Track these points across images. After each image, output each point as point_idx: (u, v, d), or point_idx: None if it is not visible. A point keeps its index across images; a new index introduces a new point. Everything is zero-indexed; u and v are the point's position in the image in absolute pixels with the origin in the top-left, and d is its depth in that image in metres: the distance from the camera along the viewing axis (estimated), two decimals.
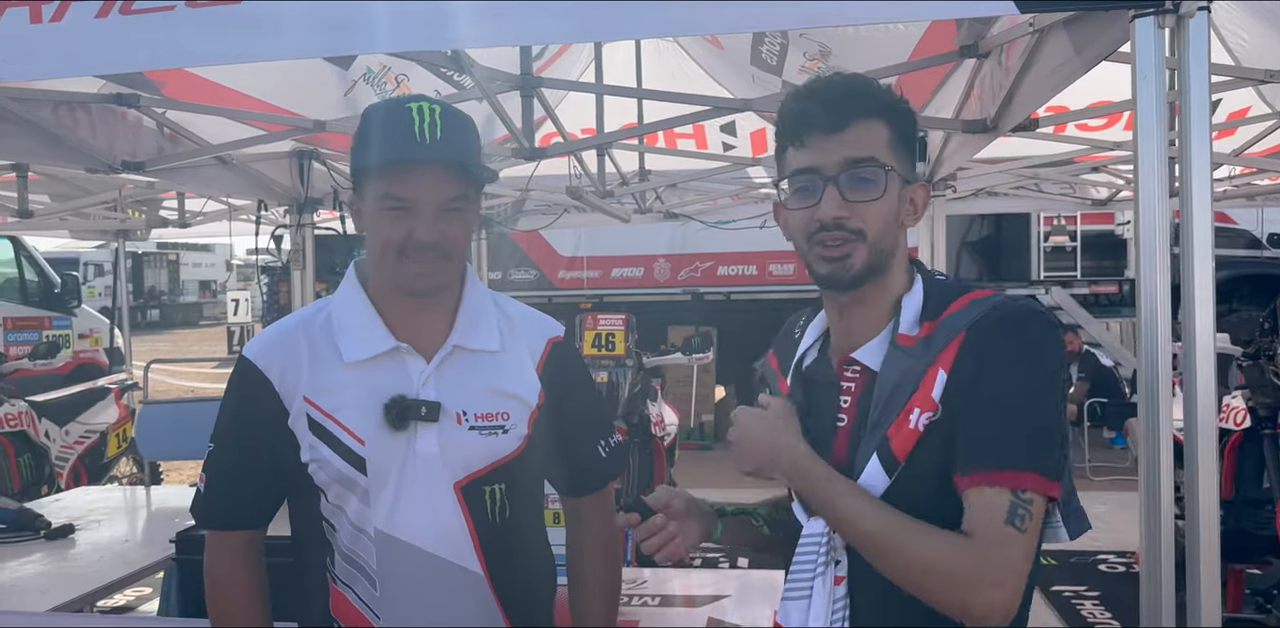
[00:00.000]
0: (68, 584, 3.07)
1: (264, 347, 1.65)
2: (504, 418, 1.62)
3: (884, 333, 1.42)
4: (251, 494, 1.66)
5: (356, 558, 1.60)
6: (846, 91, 1.40)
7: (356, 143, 1.59)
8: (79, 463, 6.22)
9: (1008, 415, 1.30)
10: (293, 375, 1.59)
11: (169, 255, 30.90)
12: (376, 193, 1.55)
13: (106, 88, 3.59)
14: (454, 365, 1.62)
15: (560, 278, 11.64)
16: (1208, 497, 1.66)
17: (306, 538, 1.65)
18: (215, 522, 1.69)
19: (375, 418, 1.56)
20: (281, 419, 1.59)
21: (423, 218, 1.53)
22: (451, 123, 1.55)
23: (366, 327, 1.61)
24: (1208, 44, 1.64)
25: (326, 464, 1.57)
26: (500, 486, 1.63)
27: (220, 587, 1.67)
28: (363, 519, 1.58)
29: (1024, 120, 3.07)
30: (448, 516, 1.59)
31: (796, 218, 1.42)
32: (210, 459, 1.68)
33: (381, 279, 1.62)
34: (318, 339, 1.62)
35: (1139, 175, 1.67)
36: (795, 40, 3.89)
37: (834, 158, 1.38)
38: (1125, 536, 5.50)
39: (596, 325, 4.73)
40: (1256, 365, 4.41)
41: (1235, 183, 5.71)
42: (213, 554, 1.68)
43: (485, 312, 1.68)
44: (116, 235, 7.32)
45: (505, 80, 3.65)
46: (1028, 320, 1.35)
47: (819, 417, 1.46)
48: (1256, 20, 3.77)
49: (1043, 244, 10.86)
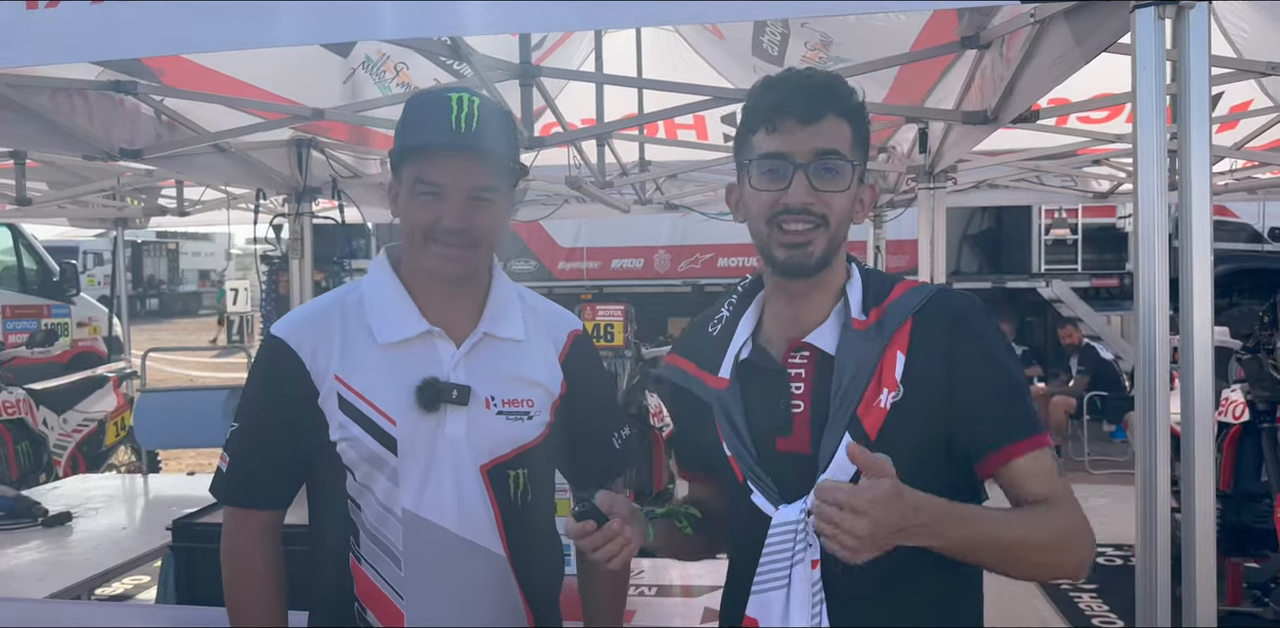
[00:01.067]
0: (65, 572, 3.08)
1: (296, 325, 1.67)
2: (529, 405, 1.66)
3: (833, 318, 1.50)
4: (275, 473, 1.68)
5: (383, 538, 1.62)
6: (825, 87, 1.47)
7: (397, 128, 1.64)
8: (77, 451, 6.24)
9: (1009, 391, 1.45)
10: (325, 355, 1.62)
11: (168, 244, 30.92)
12: (409, 177, 1.59)
13: (104, 75, 3.57)
14: (482, 352, 1.66)
15: (560, 269, 11.65)
16: (1204, 490, 1.66)
17: (329, 519, 1.67)
18: (237, 500, 1.71)
19: (408, 399, 1.60)
20: (311, 398, 1.62)
21: (451, 204, 1.57)
22: (489, 115, 1.60)
23: (400, 310, 1.65)
24: (1208, 36, 1.63)
25: (356, 443, 1.60)
26: (523, 471, 1.67)
27: (238, 566, 1.69)
28: (390, 499, 1.61)
29: (1025, 112, 3.06)
30: (474, 497, 1.62)
31: (761, 199, 1.47)
32: (234, 437, 1.70)
33: (413, 263, 1.66)
34: (350, 320, 1.65)
35: (1138, 168, 1.66)
36: (797, 30, 3.88)
37: (806, 146, 1.45)
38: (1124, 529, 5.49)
39: (595, 316, 4.74)
40: (1255, 359, 4.41)
41: (1236, 176, 5.70)
42: (232, 533, 1.70)
43: (512, 302, 1.73)
44: (115, 224, 7.31)
45: (504, 69, 3.64)
46: (972, 305, 1.50)
47: (768, 404, 1.50)
48: (1258, 12, 3.75)
49: (1044, 237, 10.86)
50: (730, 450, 1.50)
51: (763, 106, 1.47)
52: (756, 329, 1.57)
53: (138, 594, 4.96)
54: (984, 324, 1.48)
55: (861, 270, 1.55)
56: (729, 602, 1.60)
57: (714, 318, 1.63)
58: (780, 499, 1.45)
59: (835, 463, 1.41)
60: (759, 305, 1.59)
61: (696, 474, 1.67)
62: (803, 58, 4.03)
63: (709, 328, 1.61)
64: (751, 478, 1.47)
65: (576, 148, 4.83)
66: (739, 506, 1.51)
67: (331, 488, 1.65)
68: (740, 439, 1.49)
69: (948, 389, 1.44)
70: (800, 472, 1.44)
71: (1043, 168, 5.84)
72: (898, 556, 1.34)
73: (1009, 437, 1.43)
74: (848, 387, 1.44)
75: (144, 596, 4.91)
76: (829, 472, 1.41)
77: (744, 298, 1.62)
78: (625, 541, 1.43)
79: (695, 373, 1.58)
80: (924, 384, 1.44)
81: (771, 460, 1.47)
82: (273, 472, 1.69)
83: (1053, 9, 2.30)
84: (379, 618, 1.63)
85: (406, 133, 1.62)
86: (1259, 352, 4.40)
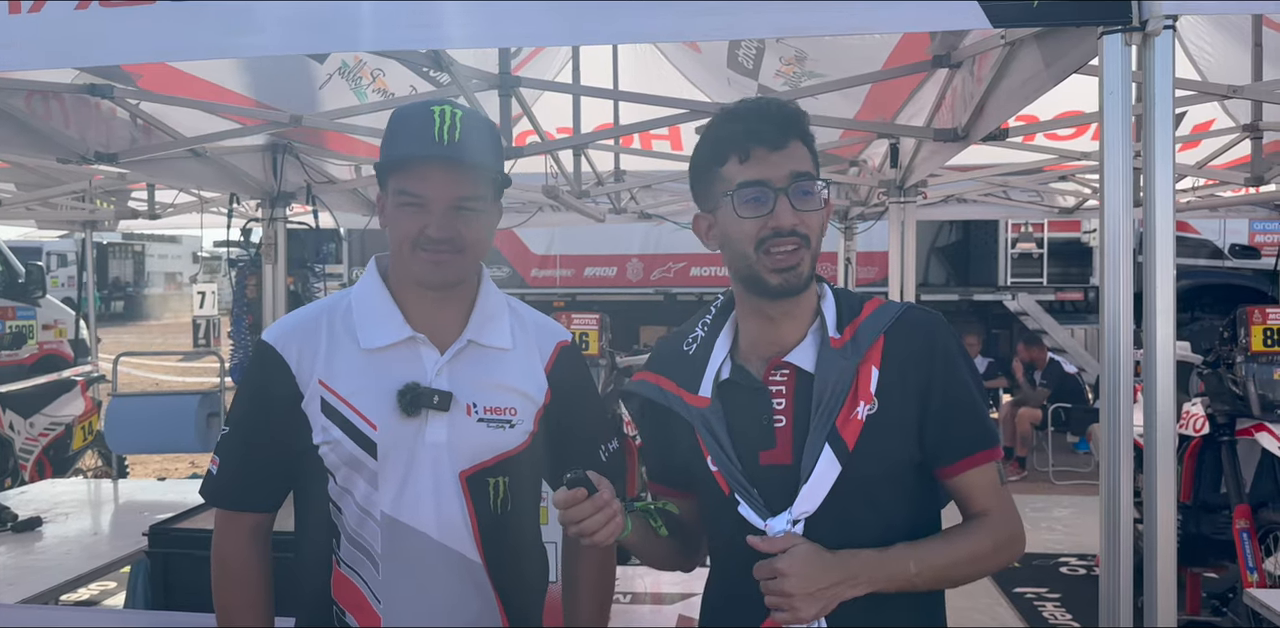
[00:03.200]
0: (36, 577, 3.06)
1: (283, 331, 1.71)
2: (511, 413, 1.68)
3: (810, 336, 1.57)
4: (264, 476, 1.71)
5: (362, 541, 1.64)
6: (786, 114, 1.54)
7: (383, 141, 1.67)
8: (43, 455, 6.16)
9: (970, 406, 1.56)
10: (309, 359, 1.65)
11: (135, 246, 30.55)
12: (395, 188, 1.62)
13: (81, 78, 3.56)
14: (466, 359, 1.68)
15: (533, 276, 11.64)
16: (1166, 501, 1.70)
17: (313, 522, 1.69)
18: (227, 502, 1.73)
19: (388, 404, 1.62)
20: (295, 402, 1.65)
21: (435, 214, 1.60)
22: (472, 127, 1.62)
23: (385, 316, 1.68)
24: (1172, 61, 1.69)
25: (337, 446, 1.62)
26: (504, 479, 1.68)
27: (227, 568, 1.71)
28: (370, 503, 1.64)
29: (994, 130, 3.12)
30: (451, 503, 1.64)
31: (746, 227, 1.51)
32: (225, 441, 1.74)
33: (400, 272, 1.69)
34: (337, 326, 1.68)
35: (1104, 186, 1.71)
36: (772, 45, 3.93)
37: (781, 171, 1.51)
38: (1086, 539, 5.62)
39: (570, 325, 4.75)
40: (1215, 374, 4.49)
41: (1199, 194, 5.81)
42: (222, 535, 1.72)
43: (499, 311, 1.75)
44: (83, 226, 7.24)
45: (483, 79, 3.66)
46: (938, 322, 1.58)
47: (751, 420, 1.54)
48: (1222, 34, 3.85)
49: (1010, 251, 10.99)
50: (717, 466, 1.54)
51: (729, 137, 1.52)
52: (733, 349, 1.61)
53: (104, 601, 4.91)
54: (950, 341, 1.57)
55: (832, 289, 1.62)
56: (712, 610, 1.64)
57: (688, 337, 1.66)
58: (766, 511, 1.49)
59: (816, 473, 1.48)
60: (733, 325, 1.64)
61: (669, 488, 1.69)
62: (777, 72, 4.08)
63: (684, 347, 1.65)
64: (739, 491, 1.51)
65: (553, 157, 4.85)
66: (723, 518, 1.54)
67: (315, 491, 1.68)
68: (726, 455, 1.53)
69: (918, 402, 1.53)
70: (783, 482, 1.50)
71: (1010, 183, 5.93)
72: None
73: (966, 450, 1.54)
74: (827, 401, 1.50)
75: (111, 601, 4.86)
76: (810, 481, 1.48)
77: (718, 318, 1.66)
78: (613, 513, 1.45)
79: (674, 390, 1.61)
80: (896, 397, 1.52)
81: (755, 473, 1.52)
82: (261, 475, 1.71)
83: (1023, 32, 2.36)
84: (358, 620, 1.65)
85: (391, 145, 1.65)
86: (1219, 366, 4.48)
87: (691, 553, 1.72)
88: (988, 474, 1.55)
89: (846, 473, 1.48)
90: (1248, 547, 4.03)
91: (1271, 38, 3.66)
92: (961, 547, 1.52)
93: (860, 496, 1.49)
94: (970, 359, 1.60)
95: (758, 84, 4.22)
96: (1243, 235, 11.45)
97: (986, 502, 1.54)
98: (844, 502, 1.48)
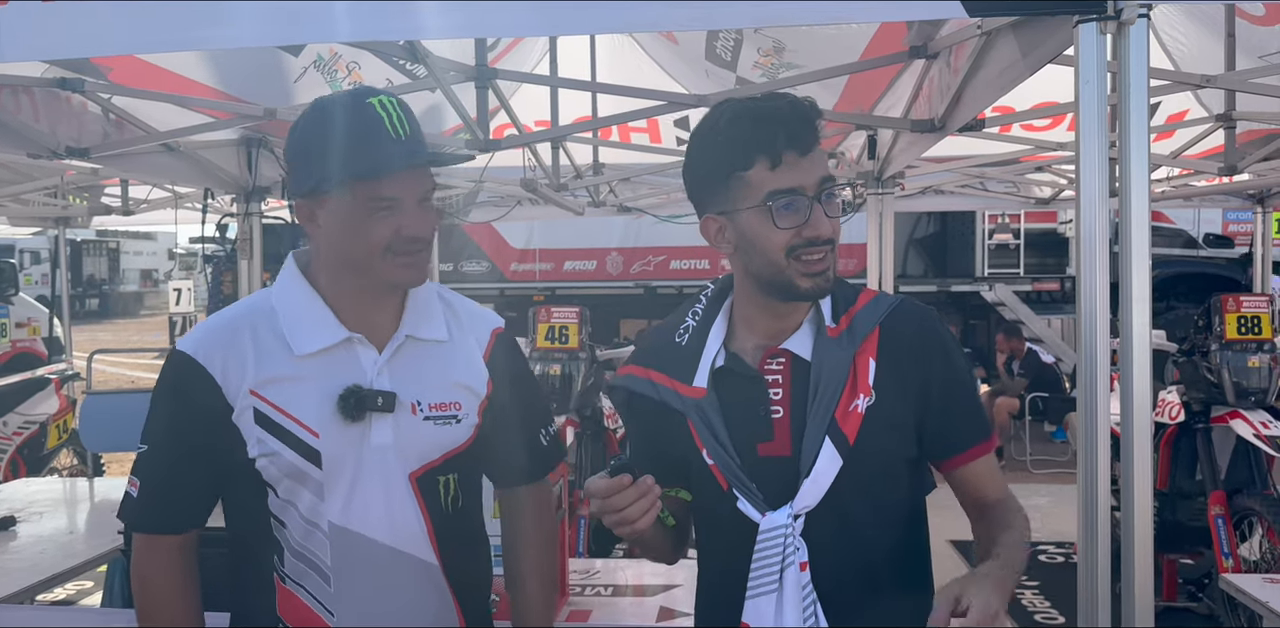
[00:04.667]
0: (10, 577, 3.02)
1: (203, 339, 1.59)
2: (456, 408, 1.62)
3: (806, 325, 1.55)
4: (190, 495, 1.61)
5: (309, 554, 1.57)
6: (813, 114, 1.48)
7: (316, 145, 1.53)
8: (17, 454, 6.10)
9: (968, 399, 1.58)
10: (237, 369, 1.55)
11: (109, 243, 30.25)
12: (358, 196, 1.51)
13: (51, 72, 3.51)
14: (406, 356, 1.61)
15: (512, 270, 11.62)
16: (1143, 489, 1.72)
17: (250, 539, 1.60)
18: (150, 526, 1.62)
19: (329, 410, 1.54)
20: (225, 415, 1.55)
21: (409, 213, 1.53)
22: (409, 113, 1.54)
23: (317, 318, 1.58)
24: (1147, 50, 1.70)
25: (277, 458, 1.54)
26: (453, 475, 1.63)
27: (152, 592, 1.61)
28: (316, 514, 1.56)
29: (971, 120, 3.13)
30: (403, 506, 1.58)
31: (778, 236, 1.46)
32: (143, 460, 1.61)
33: (351, 276, 1.58)
34: (262, 331, 1.58)
35: (1080, 176, 1.72)
36: (750, 36, 3.93)
37: (813, 178, 1.47)
38: (1064, 527, 5.66)
39: (550, 318, 4.73)
40: (1191, 362, 4.53)
41: (1174, 183, 5.85)
42: (145, 558, 1.62)
43: (432, 303, 1.68)
44: (56, 223, 7.16)
45: (460, 71, 3.64)
46: (932, 316, 1.58)
47: (748, 411, 1.52)
48: (1195, 25, 3.88)
49: (987, 242, 11.05)
50: (713, 459, 1.51)
51: (756, 139, 1.45)
52: (728, 336, 1.58)
53: (81, 600, 4.87)
54: (945, 335, 1.57)
55: None
56: (707, 607, 1.62)
57: (679, 327, 1.61)
58: (765, 505, 1.47)
59: (818, 467, 1.46)
60: (728, 312, 1.60)
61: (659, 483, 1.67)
62: (755, 64, 4.08)
63: (675, 338, 1.60)
64: (737, 485, 1.49)
65: (531, 150, 4.84)
66: (720, 513, 1.52)
67: (251, 507, 1.59)
68: (723, 447, 1.50)
69: (917, 397, 1.52)
70: (782, 475, 1.48)
71: (987, 174, 5.96)
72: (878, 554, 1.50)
73: (968, 442, 1.56)
74: (825, 392, 1.48)
75: (89, 601, 4.82)
76: (812, 476, 1.46)
77: (711, 307, 1.62)
78: (654, 498, 1.41)
79: (667, 383, 1.57)
80: (894, 391, 1.50)
81: (753, 466, 1.49)
82: (186, 494, 1.60)
83: (999, 22, 2.37)
84: None
85: (339, 149, 1.51)
86: (1194, 354, 4.52)
87: (682, 545, 1.71)
88: (989, 463, 1.57)
89: (848, 467, 1.46)
90: (1223, 533, 4.08)
91: (1244, 28, 3.69)
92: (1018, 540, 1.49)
93: (859, 489, 1.48)
94: (964, 353, 1.63)
95: (736, 76, 4.22)
96: (1216, 225, 11.55)
97: (999, 490, 1.57)
98: (843, 495, 1.47)
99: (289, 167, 1.63)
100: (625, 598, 2.51)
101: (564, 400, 4.75)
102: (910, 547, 1.57)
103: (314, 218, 1.57)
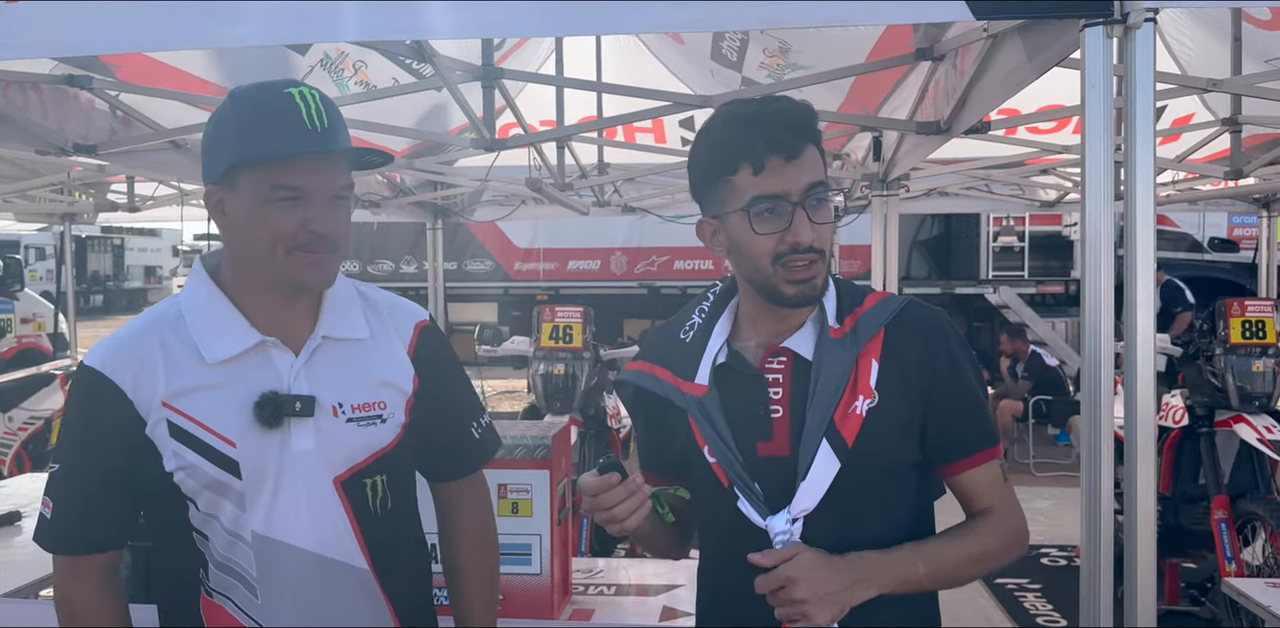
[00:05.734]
0: (15, 572, 3.03)
1: (110, 353, 1.53)
2: (381, 407, 1.58)
3: (809, 325, 1.53)
4: (107, 514, 1.55)
5: (233, 566, 1.53)
6: (802, 117, 1.47)
7: (229, 130, 1.49)
8: (22, 450, 6.11)
9: (974, 404, 1.55)
10: (148, 381, 1.50)
11: (113, 240, 30.31)
12: (265, 183, 1.46)
13: (59, 69, 3.53)
14: (324, 357, 1.56)
15: (516, 269, 11.62)
16: (1146, 493, 1.71)
17: (173, 551, 1.56)
18: (68, 548, 1.56)
19: (245, 418, 1.49)
20: (138, 429, 1.50)
21: (316, 208, 1.48)
22: (332, 108, 1.51)
23: (227, 323, 1.53)
24: (1154, 53, 1.70)
25: (195, 471, 1.49)
26: (381, 477, 1.59)
27: (76, 616, 1.56)
28: (238, 524, 1.51)
29: (977, 123, 3.13)
30: (329, 512, 1.54)
31: (762, 242, 1.46)
32: (56, 480, 1.55)
33: (258, 274, 1.53)
34: (170, 340, 1.52)
35: (1086, 179, 1.72)
36: (756, 36, 3.93)
37: (798, 183, 1.45)
38: (1067, 530, 5.66)
39: (554, 318, 4.74)
40: (1194, 365, 4.53)
41: (1179, 187, 5.85)
42: (66, 583, 1.56)
43: (349, 300, 1.62)
44: (62, 219, 7.18)
45: (466, 70, 3.65)
46: (941, 318, 1.56)
47: (748, 409, 1.51)
48: (1202, 29, 3.88)
49: (991, 244, 11.04)
50: (716, 457, 1.50)
51: (740, 144, 1.45)
52: (732, 334, 1.58)
53: None
54: (953, 338, 1.54)
55: (834, 279, 1.57)
56: (709, 607, 1.62)
57: (685, 325, 1.62)
58: (766, 508, 1.47)
59: (814, 469, 1.45)
60: (733, 311, 1.60)
61: (663, 479, 1.64)
62: (761, 64, 4.08)
63: (680, 335, 1.61)
64: (738, 484, 1.48)
65: (536, 150, 4.84)
66: (721, 511, 1.52)
67: (172, 521, 1.54)
68: (725, 445, 1.50)
69: (921, 400, 1.50)
70: (781, 475, 1.47)
71: (992, 177, 5.96)
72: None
73: (970, 449, 1.53)
74: (824, 393, 1.47)
75: None
76: (810, 476, 1.45)
77: (716, 304, 1.62)
78: (644, 498, 1.42)
79: (671, 380, 1.57)
80: (897, 393, 1.49)
81: (753, 465, 1.49)
82: (104, 513, 1.54)
83: (1006, 25, 2.37)
84: None
85: (248, 135, 1.46)
86: (1197, 358, 4.52)
87: (685, 542, 1.70)
88: (990, 472, 1.54)
89: (846, 470, 1.45)
90: (1226, 537, 4.07)
91: (1250, 32, 3.69)
92: (968, 545, 1.50)
93: (860, 492, 1.47)
94: (973, 357, 1.57)
95: (741, 76, 4.22)
96: (1221, 229, 11.53)
97: (990, 499, 1.54)
98: (843, 498, 1.46)
99: (202, 153, 1.57)
100: (628, 597, 2.52)
101: (568, 400, 4.76)
102: None
103: (221, 208, 1.53)
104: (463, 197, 6.66)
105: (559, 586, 2.44)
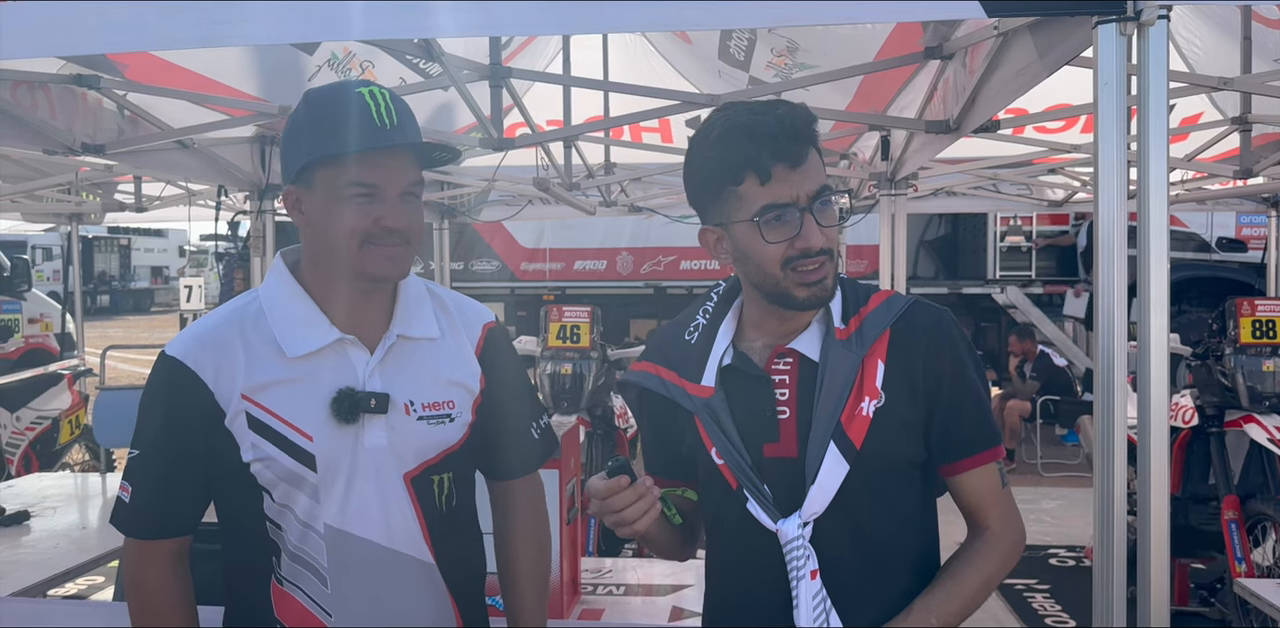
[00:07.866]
0: (23, 572, 3.04)
1: (193, 345, 1.57)
2: (450, 406, 1.62)
3: (815, 325, 1.53)
4: (183, 501, 1.59)
5: (305, 556, 1.56)
6: (801, 124, 1.45)
7: (304, 130, 1.55)
8: (30, 450, 6.12)
9: (977, 405, 1.53)
10: (229, 373, 1.54)
11: (120, 240, 30.39)
12: (339, 181, 1.51)
13: (67, 68, 3.53)
14: (398, 355, 1.60)
15: (523, 269, 11.62)
16: (1159, 495, 1.71)
17: (247, 542, 1.60)
18: (144, 532, 1.60)
19: (322, 413, 1.53)
20: (218, 420, 1.54)
21: (389, 203, 1.52)
22: (402, 107, 1.55)
23: (307, 319, 1.57)
24: (1166, 51, 1.69)
25: (272, 462, 1.53)
26: (448, 475, 1.63)
27: (147, 600, 1.60)
28: (312, 516, 1.55)
29: (986, 122, 3.12)
30: (399, 507, 1.58)
31: (772, 249, 1.45)
32: (135, 465, 1.59)
33: (335, 269, 1.57)
34: (251, 334, 1.56)
35: (1099, 179, 1.71)
36: (763, 36, 3.92)
37: (804, 190, 1.45)
38: (1075, 530, 5.65)
39: (561, 317, 4.73)
40: (1204, 366, 4.51)
41: (1187, 187, 5.83)
42: (137, 565, 1.61)
43: (422, 300, 1.66)
44: (69, 219, 7.19)
45: (474, 69, 3.64)
46: (946, 318, 1.55)
47: (754, 410, 1.51)
48: (1211, 28, 3.86)
49: (999, 244, 11.01)
50: (724, 458, 1.50)
51: (745, 155, 1.44)
52: (737, 335, 1.58)
53: (93, 595, 4.89)
54: (958, 338, 1.53)
55: (840, 279, 1.56)
56: (716, 609, 1.61)
57: (689, 326, 1.61)
58: (776, 510, 1.46)
59: (823, 472, 1.45)
60: (737, 312, 1.60)
61: (669, 480, 1.65)
62: (769, 64, 4.07)
63: (685, 336, 1.60)
64: (747, 486, 1.48)
65: (544, 149, 4.84)
66: (728, 512, 1.51)
67: (247, 511, 1.58)
68: (733, 447, 1.49)
69: (926, 400, 1.49)
70: (789, 477, 1.47)
71: (1000, 176, 5.94)
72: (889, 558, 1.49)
73: (969, 449, 1.52)
74: (831, 394, 1.46)
75: (100, 596, 4.84)
76: (818, 481, 1.44)
77: (721, 305, 1.62)
78: (653, 501, 1.42)
79: (676, 381, 1.57)
80: (903, 393, 1.48)
81: (761, 467, 1.49)
82: (180, 500, 1.59)
83: (1016, 22, 2.36)
84: None
85: (324, 134, 1.52)
86: (1208, 358, 4.50)
87: (691, 543, 1.70)
88: (989, 475, 1.52)
89: (854, 472, 1.45)
90: (1236, 537, 4.05)
91: (1259, 31, 3.67)
92: (972, 581, 1.49)
93: (868, 493, 1.47)
94: (977, 357, 1.57)
95: (749, 76, 4.21)
96: (1229, 229, 11.49)
97: (987, 510, 1.52)
98: (852, 500, 1.46)
99: (280, 154, 1.63)
100: (636, 598, 2.51)
101: (575, 400, 4.76)
102: (922, 551, 1.54)
103: (299, 206, 1.57)
104: (469, 196, 6.66)
105: (568, 585, 2.44)
